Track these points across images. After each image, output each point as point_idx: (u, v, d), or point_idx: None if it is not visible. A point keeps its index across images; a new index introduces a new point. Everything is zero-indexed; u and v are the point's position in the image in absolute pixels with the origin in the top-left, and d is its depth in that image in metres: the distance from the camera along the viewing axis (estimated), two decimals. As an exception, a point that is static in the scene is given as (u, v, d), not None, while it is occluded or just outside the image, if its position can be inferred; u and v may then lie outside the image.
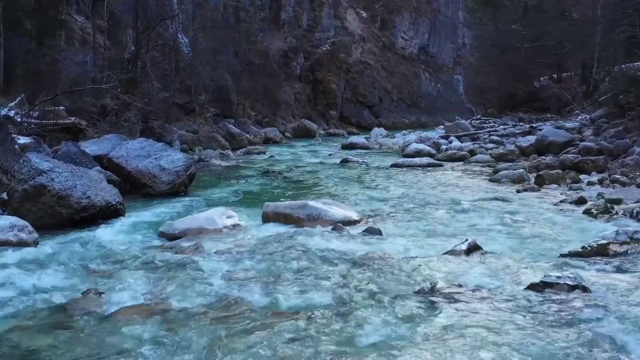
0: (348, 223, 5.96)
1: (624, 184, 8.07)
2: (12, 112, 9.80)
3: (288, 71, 33.35)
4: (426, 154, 13.80)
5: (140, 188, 8.42)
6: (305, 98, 33.88)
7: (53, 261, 4.49)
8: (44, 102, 10.21)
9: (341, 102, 36.34)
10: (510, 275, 3.77)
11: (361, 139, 19.34)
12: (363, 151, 17.03)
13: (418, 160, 12.15)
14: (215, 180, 10.00)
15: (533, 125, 15.75)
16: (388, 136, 22.22)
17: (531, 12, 21.10)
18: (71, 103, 11.87)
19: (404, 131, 24.01)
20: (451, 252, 4.41)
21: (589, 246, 4.41)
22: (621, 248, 4.37)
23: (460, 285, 3.43)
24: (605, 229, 5.26)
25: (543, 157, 10.64)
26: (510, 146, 13.93)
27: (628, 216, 5.92)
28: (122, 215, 6.62)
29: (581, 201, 7.12)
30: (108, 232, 5.75)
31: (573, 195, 7.57)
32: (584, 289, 3.38)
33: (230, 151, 16.77)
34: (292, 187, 9.32)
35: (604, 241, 4.49)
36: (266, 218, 6.26)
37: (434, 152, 14.20)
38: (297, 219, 6.02)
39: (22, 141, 8.63)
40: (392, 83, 40.86)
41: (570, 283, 3.38)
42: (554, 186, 8.56)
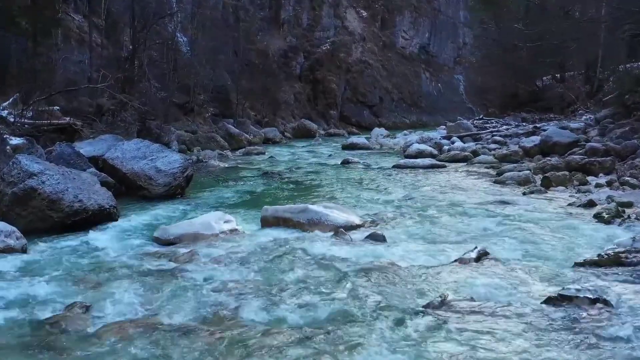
0: (350, 228, 5.72)
1: (634, 187, 7.82)
2: (5, 112, 9.56)
3: (288, 71, 33.10)
4: (428, 155, 13.55)
5: (136, 190, 8.18)
6: (305, 98, 33.64)
7: (40, 270, 4.26)
8: (38, 102, 9.97)
9: (341, 102, 36.11)
10: (524, 286, 3.53)
11: (362, 140, 19.10)
12: (364, 152, 16.78)
13: (420, 161, 11.91)
14: (213, 181, 9.76)
15: (537, 125, 15.52)
16: (389, 136, 21.97)
17: (534, 11, 20.88)
18: (66, 103, 11.62)
19: (405, 131, 23.78)
20: (460, 261, 4.17)
21: (606, 254, 4.18)
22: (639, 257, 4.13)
23: (472, 298, 3.20)
24: (619, 235, 5.04)
25: (549, 158, 10.40)
26: (513, 147, 13.68)
27: (641, 220, 5.69)
28: (116, 219, 6.38)
29: (591, 204, 6.89)
30: (100, 238, 5.51)
31: (582, 198, 7.34)
32: (605, 303, 3.15)
33: (229, 151, 16.53)
34: (292, 189, 9.09)
35: (621, 249, 4.25)
36: (265, 222, 6.03)
37: (436, 153, 13.95)
38: (298, 224, 5.79)
39: (15, 142, 8.38)
40: (393, 83, 40.61)
41: (590, 296, 3.15)
42: (561, 188, 8.33)
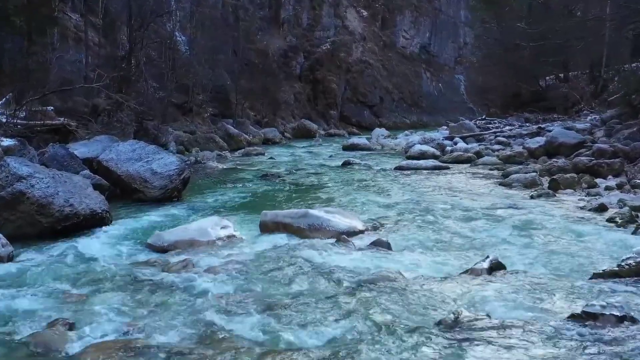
0: (353, 234, 5.47)
1: (646, 189, 7.59)
2: (-2, 113, 9.31)
3: (288, 70, 32.84)
4: (430, 156, 13.31)
5: (131, 193, 7.93)
6: (305, 98, 33.37)
7: (24, 281, 4.00)
8: (32, 102, 9.71)
9: (341, 102, 35.85)
10: (542, 301, 3.27)
11: (362, 140, 18.84)
12: (365, 152, 16.53)
13: (423, 162, 11.66)
14: (211, 184, 9.51)
15: (541, 125, 15.26)
16: (390, 137, 21.72)
17: (536, 10, 20.62)
18: (61, 103, 11.37)
19: (406, 131, 23.53)
20: (471, 272, 3.92)
21: (626, 264, 3.91)
22: (662, 266, 3.87)
23: (488, 315, 2.94)
24: (636, 243, 4.79)
25: (555, 160, 10.15)
26: (517, 147, 13.44)
27: (657, 226, 5.44)
28: (109, 224, 6.13)
29: (602, 208, 6.65)
30: (91, 244, 5.26)
31: (592, 201, 7.09)
32: (633, 320, 2.89)
33: (228, 152, 16.28)
34: (292, 192, 8.83)
35: (642, 258, 3.99)
36: (264, 228, 5.78)
37: (439, 154, 13.70)
38: (298, 229, 5.54)
39: (6, 143, 8.11)
40: (393, 83, 40.35)
41: (617, 314, 2.89)
42: (570, 191, 8.08)
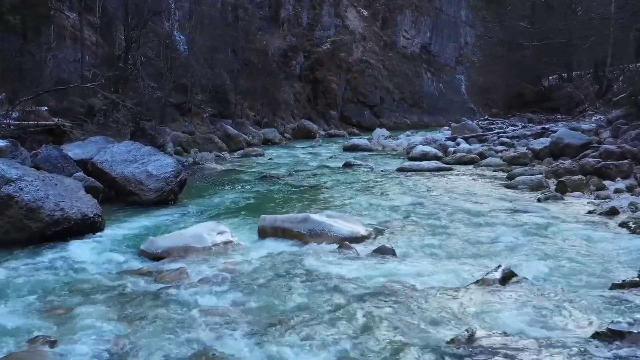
0: (355, 239, 5.24)
1: (657, 192, 7.35)
2: (-10, 113, 9.09)
3: (287, 70, 32.63)
4: (433, 157, 13.07)
5: (126, 196, 7.71)
6: (305, 98, 33.16)
7: (7, 292, 3.77)
8: (25, 102, 9.47)
9: (342, 102, 35.64)
10: (561, 316, 3.04)
11: (363, 141, 18.61)
12: (366, 153, 16.30)
13: (426, 164, 11.42)
14: (209, 186, 9.27)
15: (545, 126, 15.02)
16: (390, 137, 21.50)
17: (540, 9, 20.37)
18: (56, 103, 11.13)
19: (407, 132, 23.30)
20: (482, 282, 3.68)
21: (648, 274, 3.69)
22: (686, 276, 3.64)
23: (504, 332, 2.70)
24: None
25: (562, 162, 9.90)
26: (522, 148, 13.21)
27: (674, 231, 5.20)
28: (101, 228, 5.89)
29: (613, 212, 6.40)
30: (81, 251, 5.02)
31: (602, 205, 6.85)
32: (663, 339, 2.66)
33: (227, 153, 16.06)
34: (292, 194, 8.60)
35: (664, 267, 3.77)
36: (263, 233, 5.54)
37: (441, 155, 13.47)
38: (298, 235, 5.30)
39: (-3, 144, 7.89)
40: (394, 83, 40.14)
41: (646, 332, 2.66)
42: (578, 194, 7.84)
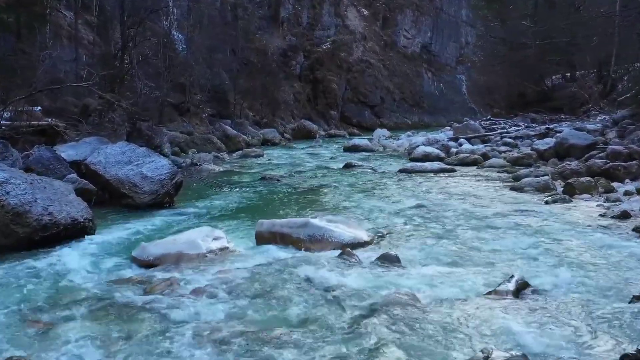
0: (357, 245, 5.00)
1: (669, 195, 7.11)
2: (-19, 113, 8.83)
3: (287, 70, 32.37)
4: (435, 158, 12.84)
5: (120, 199, 7.45)
6: (305, 98, 32.90)
7: (-15, 304, 3.52)
8: (18, 102, 9.22)
9: (342, 102, 35.37)
10: (584, 334, 2.80)
11: (364, 141, 18.35)
12: (366, 154, 16.05)
13: (428, 165, 11.16)
14: (206, 188, 9.02)
15: (549, 126, 14.77)
16: (391, 137, 21.26)
17: (542, 7, 20.11)
18: (50, 103, 10.88)
19: (409, 132, 23.05)
20: (495, 293, 3.44)
21: (672, 285, 3.45)
22: None
23: (524, 355, 2.46)
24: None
25: (568, 163, 9.66)
26: (525, 149, 12.99)
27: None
28: (92, 233, 5.65)
29: (625, 215, 6.16)
30: (69, 258, 4.78)
31: (613, 208, 6.61)
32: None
33: (225, 154, 15.81)
34: (291, 197, 8.35)
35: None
36: (260, 238, 5.29)
37: (444, 156, 13.24)
38: (297, 240, 5.06)
39: (-13, 145, 7.64)
40: (394, 83, 39.86)
41: (680, 354, 2.41)
42: (586, 196, 7.60)
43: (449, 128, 20.86)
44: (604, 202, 7.13)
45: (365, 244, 5.07)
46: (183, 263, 4.48)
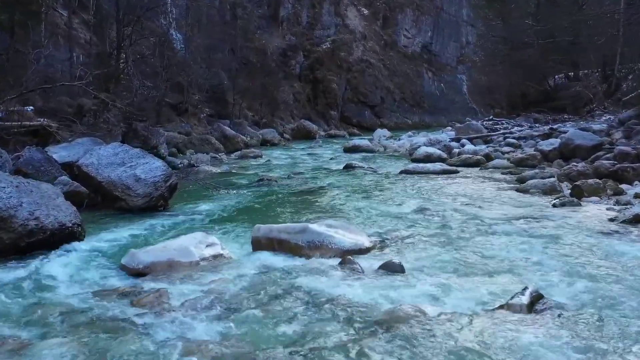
0: (359, 252, 4.76)
1: (681, 198, 6.86)
2: (-29, 113, 8.60)
3: (287, 70, 32.12)
4: (437, 159, 12.60)
5: (112, 202, 7.20)
6: (304, 98, 32.65)
7: (-42, 318, 3.27)
8: (9, 101, 8.98)
9: (342, 102, 35.12)
10: (607, 355, 2.55)
11: (364, 142, 18.10)
12: (367, 154, 15.82)
13: (431, 166, 10.91)
14: (202, 190, 8.76)
15: (553, 126, 14.52)
16: (392, 138, 21.02)
17: (545, 6, 19.85)
18: (44, 102, 10.63)
19: (409, 132, 22.79)
20: (508, 307, 3.19)
21: (699, 299, 3.20)
22: None
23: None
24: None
25: (574, 164, 9.41)
26: (529, 150, 12.75)
27: None
28: (81, 238, 5.39)
29: (637, 220, 5.89)
30: (54, 266, 4.53)
31: (624, 212, 6.35)
32: None
33: (224, 154, 15.57)
34: (290, 200, 8.10)
35: None
36: (257, 245, 5.04)
37: (446, 157, 13.00)
38: (295, 247, 4.81)
39: (-25, 147, 7.41)
40: (394, 82, 39.60)
41: None
42: (595, 199, 7.35)
43: (450, 128, 20.63)
44: (614, 206, 6.88)
45: (367, 251, 4.83)
46: (174, 272, 4.24)
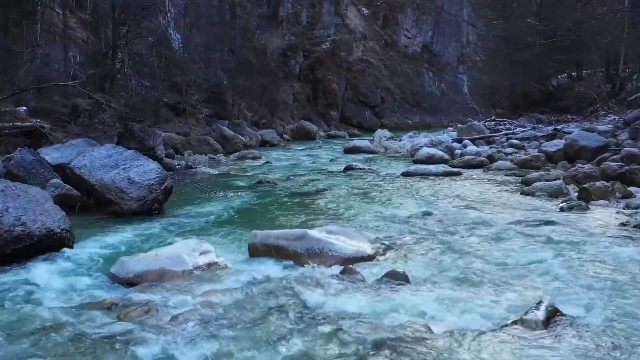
0: (360, 259, 4.54)
1: (693, 201, 6.64)
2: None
3: (287, 70, 31.92)
4: (439, 160, 12.40)
5: (105, 205, 6.99)
6: (304, 98, 32.44)
7: None
8: (1, 102, 8.76)
9: (342, 102, 34.93)
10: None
11: (365, 142, 17.89)
12: (367, 155, 15.61)
13: (433, 167, 10.69)
14: (198, 193, 8.52)
15: (557, 127, 14.29)
16: (392, 138, 20.80)
17: (547, 5, 19.62)
18: (38, 103, 10.41)
19: (410, 133, 22.57)
20: (522, 323, 2.96)
21: None
22: None
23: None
24: None
25: (581, 166, 9.18)
26: (533, 151, 12.52)
27: None
28: (70, 245, 5.16)
29: (649, 224, 5.70)
30: (40, 275, 4.30)
31: (635, 216, 6.13)
32: None
33: (222, 156, 15.36)
34: (289, 203, 7.87)
35: None
36: (254, 251, 4.83)
37: (448, 158, 12.79)
38: (294, 254, 4.59)
39: (-36, 148, 7.19)
40: (395, 82, 39.40)
41: None
42: (604, 202, 7.11)
43: (452, 128, 20.41)
44: (624, 209, 6.65)
45: (368, 258, 4.61)
46: (166, 281, 4.01)
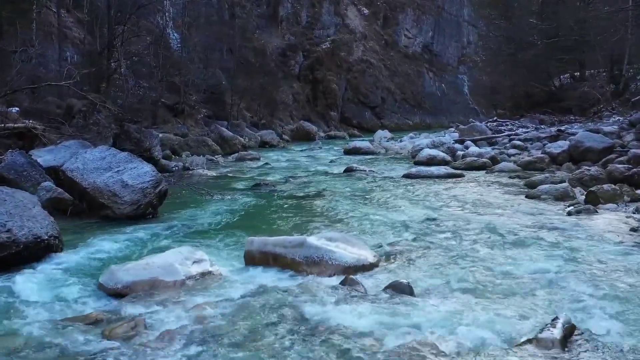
0: (361, 268, 4.32)
1: None
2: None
3: (286, 70, 31.73)
4: (441, 162, 12.21)
5: (98, 209, 6.77)
6: (304, 98, 32.24)
7: None
8: (-7, 102, 8.54)
9: (342, 103, 34.74)
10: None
11: (365, 143, 17.68)
12: (368, 157, 15.41)
13: (435, 169, 10.48)
14: (194, 196, 8.31)
15: (560, 128, 14.08)
16: (393, 139, 20.59)
17: (549, 4, 19.40)
18: (31, 103, 10.19)
19: (411, 134, 22.37)
20: (537, 342, 2.75)
21: None
22: None
23: None
24: None
25: (587, 168, 8.97)
26: (536, 152, 12.30)
27: None
28: (59, 252, 4.95)
29: (661, 231, 5.48)
30: (25, 285, 4.08)
31: (647, 220, 5.93)
32: None
33: (221, 157, 15.16)
34: (287, 207, 7.65)
35: None
36: (250, 259, 4.61)
37: (449, 159, 12.59)
38: (292, 263, 4.38)
39: (-47, 150, 6.97)
40: (395, 83, 39.23)
41: None
42: (612, 206, 6.90)
43: (453, 129, 20.20)
44: (634, 214, 6.43)
45: (370, 267, 4.39)
46: (156, 293, 3.80)
